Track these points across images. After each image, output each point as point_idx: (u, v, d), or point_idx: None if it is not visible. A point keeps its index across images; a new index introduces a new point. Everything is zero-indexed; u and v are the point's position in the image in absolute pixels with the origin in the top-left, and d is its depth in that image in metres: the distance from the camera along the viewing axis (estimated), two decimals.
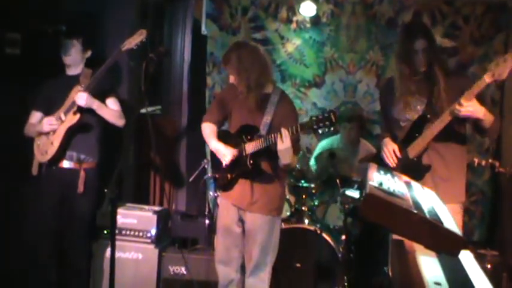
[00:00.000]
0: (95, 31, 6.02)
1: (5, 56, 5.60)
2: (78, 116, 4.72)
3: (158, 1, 6.90)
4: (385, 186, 2.54)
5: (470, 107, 3.63)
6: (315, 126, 3.83)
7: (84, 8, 5.91)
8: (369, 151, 6.09)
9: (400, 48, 4.11)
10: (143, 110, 6.04)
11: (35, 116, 5.00)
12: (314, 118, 3.84)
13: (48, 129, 4.75)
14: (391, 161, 4.05)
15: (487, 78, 3.54)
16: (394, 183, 2.75)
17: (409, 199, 2.53)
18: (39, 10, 5.70)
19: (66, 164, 4.84)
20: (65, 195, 4.86)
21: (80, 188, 4.82)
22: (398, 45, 4.20)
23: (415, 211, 2.32)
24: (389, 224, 2.32)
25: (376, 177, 2.71)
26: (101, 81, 4.78)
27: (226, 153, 4.23)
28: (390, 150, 4.06)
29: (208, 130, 4.42)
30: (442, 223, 2.32)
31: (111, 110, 4.92)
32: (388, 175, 2.92)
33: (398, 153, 4.05)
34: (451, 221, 2.54)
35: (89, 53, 5.06)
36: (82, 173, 4.83)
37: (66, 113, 4.74)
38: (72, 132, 4.77)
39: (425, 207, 2.55)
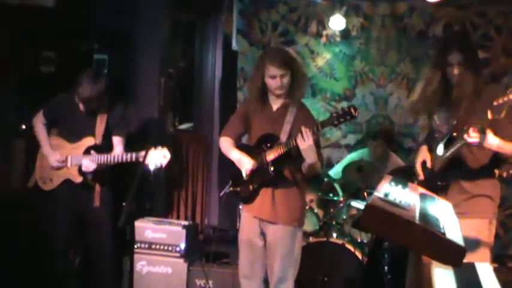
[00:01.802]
0: (127, 49, 6.15)
1: (41, 74, 5.75)
2: (81, 178, 4.79)
3: (189, 18, 7.01)
4: (390, 197, 2.53)
5: (477, 139, 3.38)
6: (336, 122, 3.85)
7: (117, 26, 6.03)
8: (397, 164, 6.05)
9: (435, 58, 3.99)
10: (171, 128, 6.20)
11: (41, 117, 5.01)
12: (334, 114, 3.86)
13: (53, 165, 4.84)
14: (418, 171, 3.99)
15: (489, 115, 3.40)
16: (403, 195, 2.72)
17: (414, 210, 2.50)
18: (73, 28, 5.85)
19: (79, 179, 4.85)
20: (81, 210, 4.89)
21: (97, 202, 4.87)
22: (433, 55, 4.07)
23: (417, 222, 2.30)
24: (390, 234, 2.31)
25: (385, 189, 2.70)
26: (110, 119, 4.84)
27: (246, 162, 4.25)
28: (419, 161, 3.98)
29: (227, 143, 4.44)
30: (443, 234, 2.30)
31: (115, 161, 4.79)
32: (399, 186, 2.90)
33: (429, 164, 3.96)
34: (457, 232, 2.51)
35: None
36: (97, 188, 4.88)
37: (73, 162, 4.79)
38: None
39: (432, 219, 2.53)
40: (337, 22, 6.53)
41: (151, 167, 4.31)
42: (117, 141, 4.90)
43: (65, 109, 4.88)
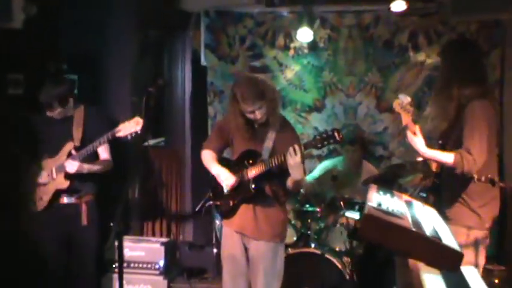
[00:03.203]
0: (97, 68, 6.12)
1: (9, 96, 5.69)
2: (68, 182, 4.79)
3: (157, 34, 7.01)
4: (383, 206, 2.58)
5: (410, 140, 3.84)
6: (319, 145, 3.88)
7: (86, 46, 6.00)
8: (371, 172, 6.12)
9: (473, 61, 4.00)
10: (146, 143, 6.19)
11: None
12: (318, 137, 3.89)
13: (41, 182, 4.82)
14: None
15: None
16: (393, 203, 2.79)
17: (408, 218, 2.56)
18: (42, 50, 5.80)
19: (65, 199, 4.87)
20: (68, 231, 4.88)
21: (84, 220, 4.85)
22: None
23: (414, 229, 2.36)
24: (388, 243, 2.35)
25: (375, 198, 2.75)
26: (93, 127, 4.84)
27: (228, 177, 4.26)
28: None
29: (209, 156, 4.45)
30: (440, 239, 2.35)
31: (101, 163, 4.91)
32: (388, 195, 2.96)
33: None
34: (451, 237, 2.57)
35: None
36: (84, 207, 4.87)
37: (57, 171, 4.80)
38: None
39: (425, 225, 2.59)
40: (304, 34, 6.56)
41: (129, 137, 4.40)
42: (102, 150, 4.92)
43: (41, 131, 4.86)
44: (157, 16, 6.60)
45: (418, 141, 3.81)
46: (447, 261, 2.29)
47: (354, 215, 5.40)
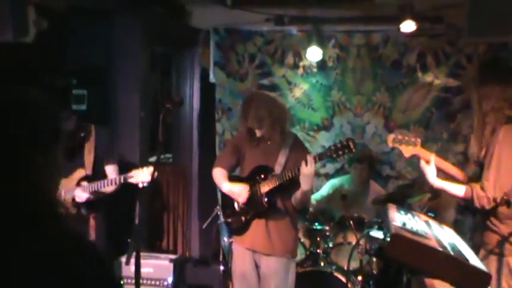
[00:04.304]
0: (105, 82, 6.13)
1: None
2: (76, 210, 4.76)
3: (166, 51, 7.04)
4: (408, 226, 2.59)
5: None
6: (334, 155, 3.92)
7: (94, 61, 6.01)
8: (378, 192, 6.14)
9: None
10: (152, 159, 6.18)
11: None
12: (332, 147, 3.92)
13: None
14: None
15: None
16: (416, 223, 2.79)
17: (432, 238, 2.56)
18: (50, 65, 5.81)
19: (73, 211, 4.79)
20: None
21: (92, 235, 4.84)
22: None
23: (441, 249, 2.36)
24: (415, 263, 2.36)
25: (398, 218, 2.76)
26: (104, 151, 4.85)
27: (240, 192, 4.27)
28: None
29: (220, 174, 4.47)
30: (467, 260, 2.36)
31: (106, 186, 4.76)
32: (409, 215, 2.97)
33: None
34: (475, 258, 2.58)
35: None
36: (92, 221, 4.85)
37: (66, 194, 4.74)
38: None
39: (448, 245, 2.59)
40: (313, 53, 6.59)
41: (140, 185, 4.36)
42: (110, 170, 4.88)
43: None
44: (166, 32, 6.63)
45: (429, 171, 3.73)
46: (475, 282, 2.29)
47: (377, 234, 5.36)
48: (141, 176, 4.39)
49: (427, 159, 3.79)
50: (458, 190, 3.60)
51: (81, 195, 4.69)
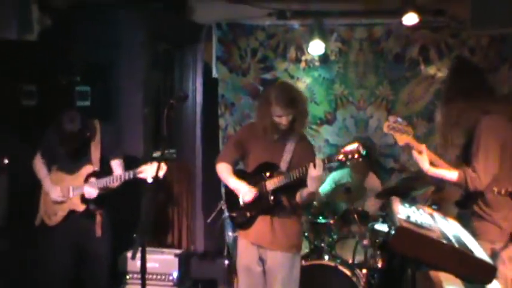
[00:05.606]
0: (109, 79, 6.14)
1: (22, 108, 5.70)
2: (84, 206, 4.81)
3: (168, 47, 7.05)
4: (412, 219, 2.60)
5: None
6: (344, 159, 3.93)
7: (98, 57, 6.02)
8: (373, 185, 6.18)
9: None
10: (155, 155, 6.20)
11: (39, 157, 5.04)
12: (342, 152, 3.92)
13: (56, 200, 4.82)
14: None
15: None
16: (420, 216, 2.80)
17: (437, 230, 2.57)
18: (55, 61, 5.83)
19: (82, 207, 4.84)
20: (81, 242, 4.89)
21: (98, 231, 4.86)
22: None
23: (446, 242, 2.37)
24: (420, 255, 2.37)
25: (402, 211, 2.77)
26: (110, 146, 4.90)
27: (247, 192, 4.27)
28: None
29: (225, 169, 4.46)
30: (472, 252, 2.37)
31: (115, 182, 4.80)
32: (413, 208, 2.98)
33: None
34: (480, 250, 2.59)
35: None
36: (98, 217, 4.87)
37: (74, 191, 4.80)
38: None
39: (453, 238, 2.60)
40: (316, 47, 6.59)
41: (149, 180, 4.38)
42: (116, 164, 4.92)
43: (57, 144, 4.86)
44: (169, 28, 6.63)
45: (421, 159, 3.90)
46: (481, 274, 2.30)
47: (382, 228, 5.38)
48: (151, 171, 4.42)
49: (420, 150, 3.95)
50: (452, 175, 3.83)
51: (91, 191, 4.71)
